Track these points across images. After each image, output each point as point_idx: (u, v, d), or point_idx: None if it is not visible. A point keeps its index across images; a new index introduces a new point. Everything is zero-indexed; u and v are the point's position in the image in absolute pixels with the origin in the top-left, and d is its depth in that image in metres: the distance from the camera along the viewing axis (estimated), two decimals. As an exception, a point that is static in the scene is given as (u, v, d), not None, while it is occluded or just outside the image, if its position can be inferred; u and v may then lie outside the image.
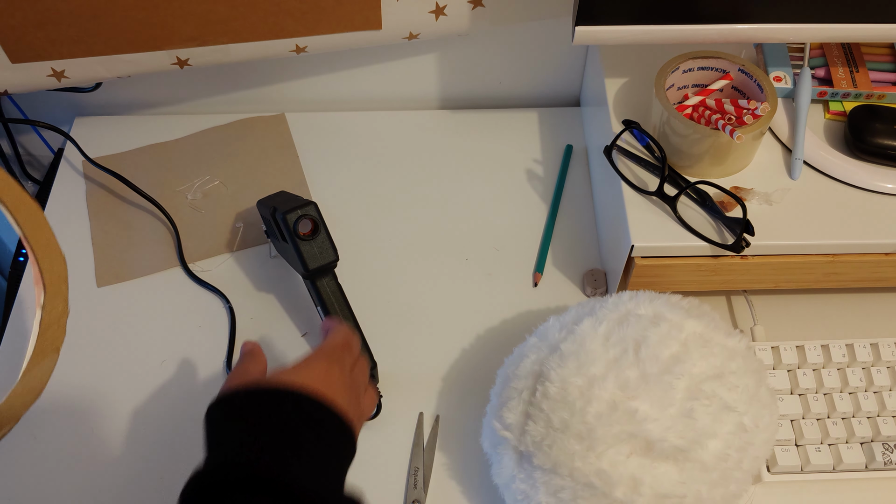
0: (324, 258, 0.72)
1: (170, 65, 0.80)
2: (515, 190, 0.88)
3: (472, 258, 0.83)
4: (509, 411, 0.62)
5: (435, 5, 0.79)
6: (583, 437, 0.57)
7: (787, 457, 0.67)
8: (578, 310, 0.66)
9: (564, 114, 0.94)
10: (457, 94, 0.96)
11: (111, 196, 0.87)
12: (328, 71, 0.92)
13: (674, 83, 0.74)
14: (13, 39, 0.75)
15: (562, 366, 0.60)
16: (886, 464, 0.67)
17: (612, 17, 0.67)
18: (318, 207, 0.72)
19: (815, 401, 0.69)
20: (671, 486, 0.57)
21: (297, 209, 0.71)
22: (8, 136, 0.92)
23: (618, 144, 0.74)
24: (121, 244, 0.83)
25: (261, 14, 0.76)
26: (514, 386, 0.63)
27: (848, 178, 0.72)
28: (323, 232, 0.72)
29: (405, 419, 0.72)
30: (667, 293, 0.66)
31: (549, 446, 0.59)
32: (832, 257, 0.70)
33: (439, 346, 0.76)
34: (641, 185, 0.72)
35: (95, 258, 0.82)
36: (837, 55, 0.78)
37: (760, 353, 0.71)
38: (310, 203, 0.72)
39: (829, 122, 0.77)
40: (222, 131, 0.93)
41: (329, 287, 0.73)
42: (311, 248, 0.71)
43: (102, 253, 0.83)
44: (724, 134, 0.67)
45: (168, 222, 0.84)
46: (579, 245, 0.83)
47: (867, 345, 0.71)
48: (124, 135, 0.92)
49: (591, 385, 0.58)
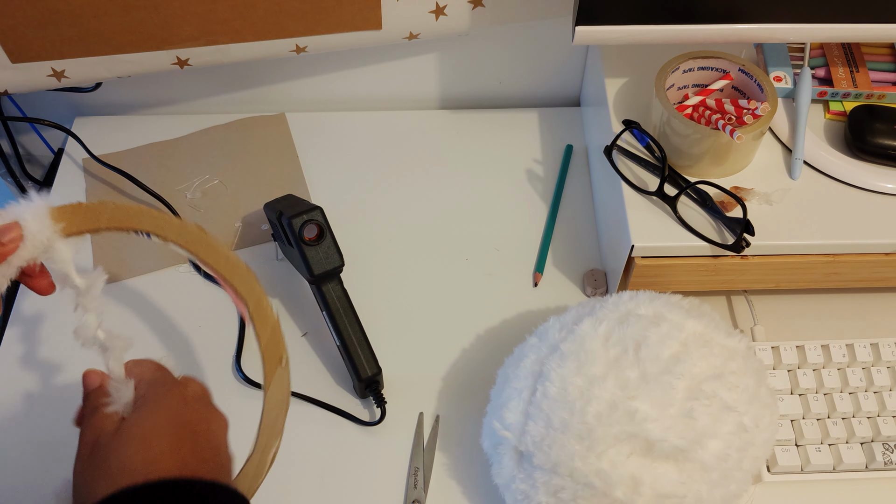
0: (329, 263, 0.72)
1: (170, 65, 0.80)
2: (515, 190, 0.88)
3: (472, 258, 0.83)
4: (509, 411, 0.62)
5: (435, 5, 0.79)
6: (583, 437, 0.57)
7: (787, 457, 0.67)
8: (578, 310, 0.66)
9: (564, 114, 0.94)
10: (457, 94, 0.96)
11: (111, 195, 0.87)
12: (328, 71, 0.92)
13: (674, 83, 0.74)
14: (13, 39, 0.75)
15: (562, 366, 0.60)
16: (886, 464, 0.67)
17: (612, 17, 0.67)
18: (324, 213, 0.72)
19: (815, 401, 0.69)
20: (671, 486, 0.57)
21: (302, 214, 0.71)
22: (8, 135, 0.92)
23: (618, 144, 0.74)
24: (119, 243, 0.83)
25: (261, 14, 0.76)
26: (514, 386, 0.63)
27: (848, 178, 0.72)
28: (329, 237, 0.72)
29: (405, 419, 0.72)
30: (667, 293, 0.66)
31: (549, 446, 0.59)
32: (832, 257, 0.70)
33: (439, 347, 0.76)
34: (641, 185, 0.72)
35: (94, 257, 0.82)
36: (837, 55, 0.78)
37: (760, 353, 0.71)
38: (316, 208, 0.72)
39: (829, 122, 0.77)
40: (222, 131, 0.93)
41: (334, 292, 0.73)
42: (317, 254, 0.71)
43: (102, 251, 0.83)
44: (725, 134, 0.67)
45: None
46: (579, 245, 0.83)
47: (867, 345, 0.71)
48: (124, 135, 0.92)
49: (591, 385, 0.58)
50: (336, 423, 0.72)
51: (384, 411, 0.72)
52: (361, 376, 0.71)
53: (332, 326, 0.72)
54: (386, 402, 0.72)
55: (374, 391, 0.72)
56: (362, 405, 0.74)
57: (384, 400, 0.72)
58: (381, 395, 0.72)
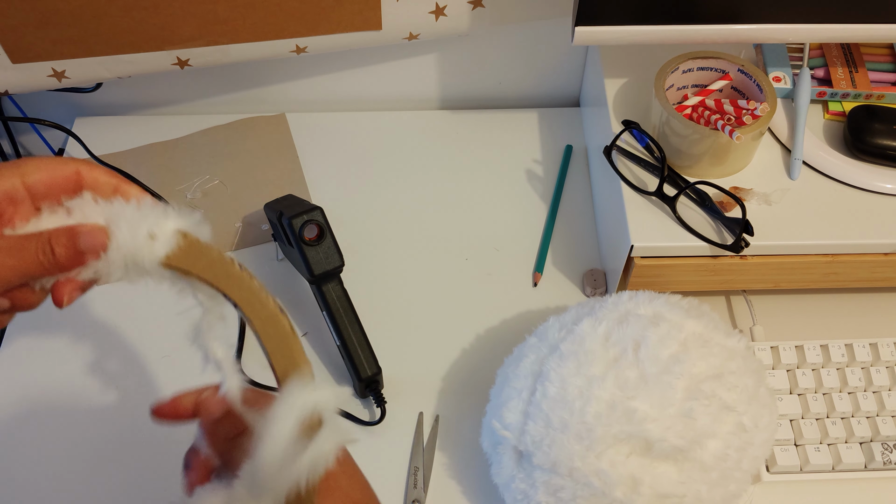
0: (329, 263, 0.72)
1: (170, 65, 0.80)
2: (515, 190, 0.88)
3: (471, 258, 0.83)
4: (509, 411, 0.62)
5: (435, 5, 0.79)
6: (582, 436, 0.58)
7: (786, 457, 0.67)
8: (578, 310, 0.66)
9: (564, 114, 0.94)
10: (457, 95, 0.96)
11: (111, 196, 0.87)
12: (328, 71, 0.92)
13: (673, 83, 0.74)
14: (14, 40, 0.75)
15: (561, 366, 0.60)
16: (886, 464, 0.67)
17: (612, 17, 0.67)
18: (324, 213, 0.72)
19: (814, 401, 0.69)
20: (671, 485, 0.57)
21: (302, 214, 0.71)
22: (9, 135, 0.92)
23: (617, 145, 0.74)
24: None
25: (261, 14, 0.76)
26: (513, 385, 0.63)
27: (847, 179, 0.72)
28: (329, 237, 0.72)
29: (405, 419, 0.72)
30: (666, 293, 0.66)
31: (549, 446, 0.59)
32: (831, 257, 0.70)
33: (439, 347, 0.76)
34: (641, 186, 0.72)
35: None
36: (837, 55, 0.78)
37: (760, 353, 0.71)
38: (316, 208, 0.72)
39: (828, 123, 0.77)
40: (222, 131, 0.93)
41: (334, 292, 0.73)
42: (317, 254, 0.71)
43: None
44: (724, 134, 0.67)
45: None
46: (579, 245, 0.84)
47: (866, 345, 0.71)
48: (124, 135, 0.92)
49: (590, 385, 0.59)
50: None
51: (384, 411, 0.72)
52: (361, 376, 0.71)
53: (332, 326, 0.72)
54: (386, 402, 0.72)
55: (374, 391, 0.72)
56: (362, 405, 0.74)
57: (384, 400, 0.72)
58: (380, 394, 0.73)
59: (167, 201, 0.85)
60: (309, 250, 0.71)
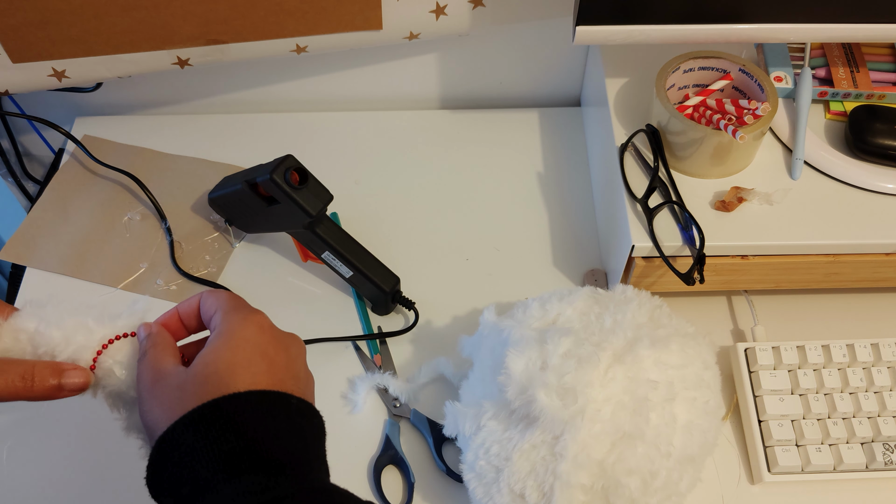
0: (322, 199, 0.73)
1: (170, 65, 0.80)
2: (515, 190, 0.88)
3: (472, 258, 0.83)
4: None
5: (435, 5, 0.79)
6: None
7: (787, 457, 0.67)
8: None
9: (565, 114, 0.94)
10: (457, 94, 0.96)
11: (112, 194, 0.87)
12: (328, 71, 0.92)
13: (674, 83, 0.74)
14: (14, 39, 0.75)
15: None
16: (887, 464, 0.67)
17: (612, 17, 0.67)
18: (294, 157, 0.72)
19: (815, 401, 0.69)
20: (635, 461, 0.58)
21: (279, 166, 0.71)
22: (8, 135, 0.92)
23: (628, 144, 0.74)
24: (120, 242, 0.83)
25: (261, 14, 0.76)
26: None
27: (848, 179, 0.72)
28: (311, 176, 0.73)
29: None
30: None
31: None
32: (833, 257, 0.70)
33: (439, 347, 0.76)
34: (640, 189, 0.72)
35: (65, 262, 0.82)
36: (838, 55, 0.78)
37: (761, 353, 0.71)
38: (287, 156, 0.72)
39: (829, 123, 0.77)
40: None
41: (331, 229, 0.74)
42: (308, 195, 0.72)
43: (102, 250, 0.82)
44: (725, 134, 0.67)
45: (163, 224, 0.84)
46: (579, 245, 0.83)
47: (868, 345, 0.71)
48: (124, 135, 0.92)
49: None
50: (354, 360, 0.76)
51: (416, 312, 0.77)
52: (386, 290, 0.74)
53: (340, 259, 0.74)
54: (414, 303, 0.76)
55: (401, 298, 0.75)
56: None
57: (412, 301, 0.76)
58: (407, 299, 0.76)
59: (160, 207, 0.85)
60: (301, 194, 0.71)
